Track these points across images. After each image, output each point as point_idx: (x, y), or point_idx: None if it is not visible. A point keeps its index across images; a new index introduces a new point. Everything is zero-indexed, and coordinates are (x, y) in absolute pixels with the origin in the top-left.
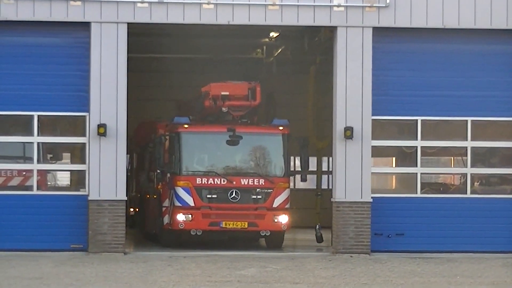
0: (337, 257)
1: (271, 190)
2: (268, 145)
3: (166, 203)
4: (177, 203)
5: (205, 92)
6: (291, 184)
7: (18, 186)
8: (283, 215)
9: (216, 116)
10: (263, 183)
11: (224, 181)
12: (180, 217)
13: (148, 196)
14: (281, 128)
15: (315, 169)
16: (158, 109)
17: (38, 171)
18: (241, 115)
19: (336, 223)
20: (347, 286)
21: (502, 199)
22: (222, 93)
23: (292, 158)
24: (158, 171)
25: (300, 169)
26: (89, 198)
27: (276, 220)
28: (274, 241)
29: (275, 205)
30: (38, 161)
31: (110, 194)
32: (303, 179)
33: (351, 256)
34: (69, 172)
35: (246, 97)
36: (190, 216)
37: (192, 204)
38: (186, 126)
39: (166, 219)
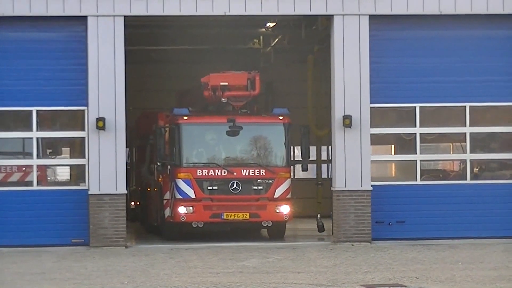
0: (338, 246)
1: (272, 181)
2: (268, 134)
3: (167, 195)
4: (178, 196)
5: (204, 82)
6: (292, 174)
7: (18, 182)
8: (285, 205)
9: (216, 106)
10: (264, 174)
11: (225, 172)
12: (182, 209)
13: (149, 189)
14: (281, 117)
15: (315, 158)
16: (158, 100)
17: (38, 166)
18: (241, 105)
19: (337, 212)
20: (348, 275)
21: (502, 185)
22: (222, 83)
23: (292, 147)
24: (159, 163)
25: (300, 159)
26: (89, 192)
27: (277, 211)
28: (276, 231)
29: (276, 195)
30: (38, 156)
31: (110, 188)
32: (304, 169)
33: (352, 245)
34: (68, 167)
35: (246, 87)
36: (191, 208)
37: (193, 196)
38: (185, 117)
39: (167, 212)
